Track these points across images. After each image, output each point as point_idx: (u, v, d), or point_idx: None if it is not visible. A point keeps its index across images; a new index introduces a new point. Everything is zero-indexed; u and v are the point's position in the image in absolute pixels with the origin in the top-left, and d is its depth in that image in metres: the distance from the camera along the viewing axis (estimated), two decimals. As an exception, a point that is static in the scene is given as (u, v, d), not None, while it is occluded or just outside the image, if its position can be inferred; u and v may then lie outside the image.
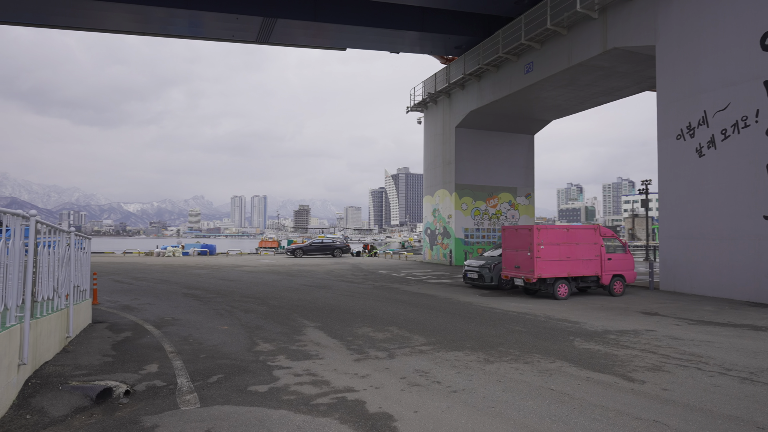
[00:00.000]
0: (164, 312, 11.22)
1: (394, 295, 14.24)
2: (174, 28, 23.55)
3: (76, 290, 8.82)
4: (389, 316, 10.69)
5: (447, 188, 28.17)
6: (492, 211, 28.33)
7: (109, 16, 21.90)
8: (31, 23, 22.94)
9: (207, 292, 14.89)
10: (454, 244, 27.32)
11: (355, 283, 17.90)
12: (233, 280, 18.33)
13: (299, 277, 19.71)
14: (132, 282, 17.50)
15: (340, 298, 13.66)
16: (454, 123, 27.45)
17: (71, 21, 22.59)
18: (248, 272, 22.10)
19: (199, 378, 6.18)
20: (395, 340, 8.24)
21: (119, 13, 21.53)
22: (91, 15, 21.81)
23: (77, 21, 22.59)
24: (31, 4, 20.62)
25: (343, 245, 39.95)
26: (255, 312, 11.19)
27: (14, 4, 20.43)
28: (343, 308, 11.76)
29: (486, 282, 15.62)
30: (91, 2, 20.19)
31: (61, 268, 7.54)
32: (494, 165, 28.36)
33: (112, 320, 10.17)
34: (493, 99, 23.93)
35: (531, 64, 21.26)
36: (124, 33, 24.55)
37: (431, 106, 30.16)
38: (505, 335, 8.69)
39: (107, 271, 21.78)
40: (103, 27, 23.61)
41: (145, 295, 14.15)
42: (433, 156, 29.91)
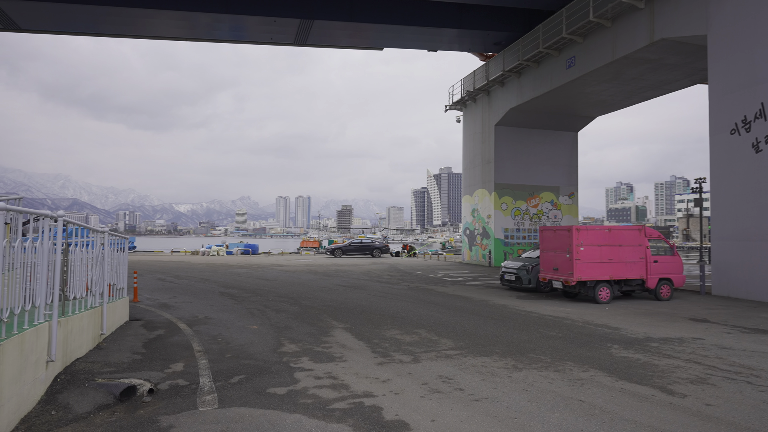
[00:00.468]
0: (199, 310, 11.43)
1: (427, 297, 14.01)
2: (218, 33, 24.12)
3: (112, 289, 9.08)
4: (419, 318, 10.49)
5: (486, 188, 27.62)
6: (533, 211, 27.57)
7: (158, 23, 22.66)
8: (88, 32, 24.00)
9: (243, 291, 15.12)
10: (494, 245, 26.75)
11: (390, 283, 17.77)
12: (270, 280, 18.56)
13: (335, 277, 19.76)
14: (174, 281, 18.02)
15: (372, 299, 13.56)
16: (494, 121, 26.87)
17: (123, 29, 23.53)
18: (286, 272, 22.36)
19: (221, 378, 6.19)
20: (422, 344, 8.04)
21: (167, 20, 22.25)
22: (142, 23, 22.64)
23: (129, 29, 23.52)
24: (87, 15, 21.59)
25: (382, 245, 39.93)
26: (286, 312, 11.23)
27: (73, 15, 21.44)
28: (374, 309, 11.64)
29: (523, 284, 15.15)
30: (141, 11, 20.95)
31: (95, 267, 7.77)
32: (535, 164, 27.58)
33: (148, 318, 10.43)
34: (534, 95, 23.26)
35: (573, 58, 20.51)
36: (173, 39, 25.35)
37: (470, 104, 29.65)
38: (538, 341, 8.32)
39: (152, 270, 22.54)
40: (153, 34, 24.47)
41: (184, 293, 14.50)
42: (472, 155, 29.40)
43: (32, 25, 21.55)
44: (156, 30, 23.87)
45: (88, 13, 21.41)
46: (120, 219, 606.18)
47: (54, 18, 21.37)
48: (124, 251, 10.16)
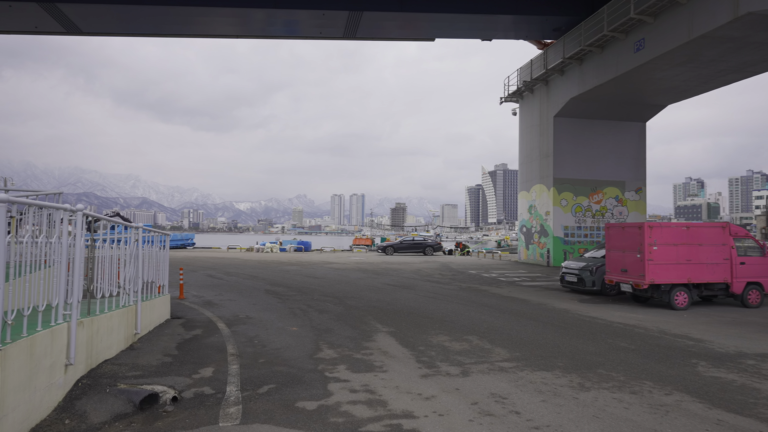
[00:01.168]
0: (241, 309, 11.10)
1: (480, 299, 13.09)
2: (270, 29, 24.03)
3: (149, 286, 8.84)
4: (471, 322, 9.64)
5: (544, 183, 26.13)
6: (596, 207, 25.81)
7: (213, 21, 22.87)
8: (146, 33, 24.56)
9: (289, 289, 14.77)
10: (552, 244, 25.25)
11: (441, 283, 16.93)
12: (318, 278, 18.19)
13: (384, 276, 19.14)
14: (223, 277, 18.00)
15: (421, 299, 12.80)
16: (553, 112, 25.35)
17: (181, 29, 23.92)
18: (335, 269, 21.99)
19: (249, 387, 5.66)
20: (473, 353, 7.22)
21: (222, 17, 22.40)
22: (198, 21, 22.90)
23: (186, 29, 23.87)
24: (145, 16, 22.05)
25: (434, 243, 39.01)
26: (329, 313, 10.69)
27: (131, 16, 21.95)
28: (422, 311, 10.89)
29: (586, 286, 13.91)
30: (197, 9, 21.16)
31: (129, 264, 7.49)
32: (598, 157, 25.81)
33: (190, 316, 10.18)
34: (597, 83, 21.63)
35: (642, 41, 18.81)
36: (228, 36, 25.55)
37: (527, 95, 28.19)
38: (607, 353, 7.29)
39: (205, 266, 22.80)
40: (209, 33, 24.74)
41: (230, 291, 14.32)
42: (528, 149, 27.95)
43: (93, 28, 22.27)
44: (212, 28, 24.11)
45: (145, 14, 21.86)
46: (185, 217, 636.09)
47: (112, 20, 21.96)
48: (165, 248, 9.95)
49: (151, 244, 9.64)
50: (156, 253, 9.48)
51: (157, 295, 9.20)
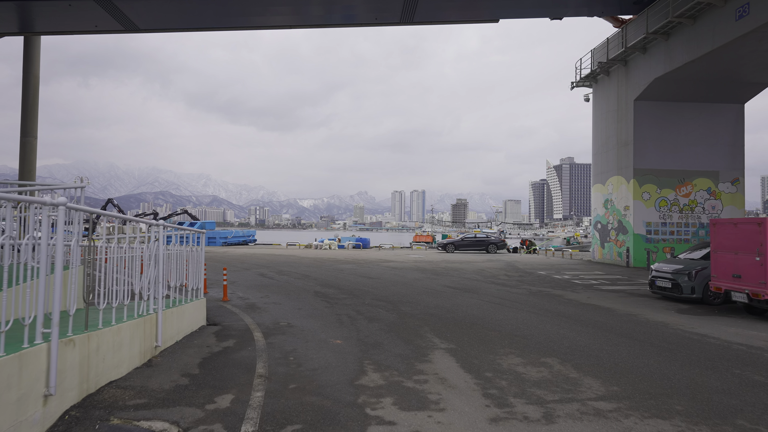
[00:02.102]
0: (284, 315, 10.06)
1: (555, 306, 11.35)
2: (328, 17, 23.11)
3: (179, 290, 7.94)
4: (548, 338, 8.02)
5: (623, 174, 23.57)
6: (684, 201, 22.97)
7: (273, 12, 22.26)
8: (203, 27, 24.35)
9: (340, 291, 13.66)
10: (633, 242, 22.70)
11: (508, 286, 15.24)
12: (373, 278, 17.01)
13: (444, 277, 17.67)
14: (274, 276, 17.22)
15: (486, 306, 11.25)
16: (633, 95, 22.75)
17: (241, 21, 23.48)
18: (392, 269, 20.75)
19: (269, 426, 4.47)
20: (556, 384, 5.68)
21: (281, 6, 21.75)
22: (255, 12, 22.36)
23: (245, 21, 23.40)
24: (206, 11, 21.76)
25: (498, 241, 36.93)
26: (380, 321, 9.41)
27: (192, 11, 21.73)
28: (488, 322, 9.36)
29: (683, 293, 11.80)
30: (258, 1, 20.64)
31: (148, 267, 6.55)
32: (686, 144, 22.93)
33: (227, 322, 9.25)
34: (688, 60, 18.98)
35: (746, 6, 16.12)
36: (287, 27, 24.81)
37: (602, 78, 25.61)
38: (741, 392, 5.51)
39: (260, 264, 22.27)
40: (269, 24, 24.16)
41: (278, 292, 13.39)
42: (604, 137, 25.40)
43: (149, 25, 22.23)
44: (270, 20, 23.52)
45: (202, 7, 21.54)
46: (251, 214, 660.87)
47: (168, 16, 21.80)
48: (200, 246, 9.05)
49: (185, 241, 8.78)
50: (187, 252, 8.59)
51: (189, 300, 8.29)
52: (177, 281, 7.99)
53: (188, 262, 8.57)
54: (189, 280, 8.75)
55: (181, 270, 8.28)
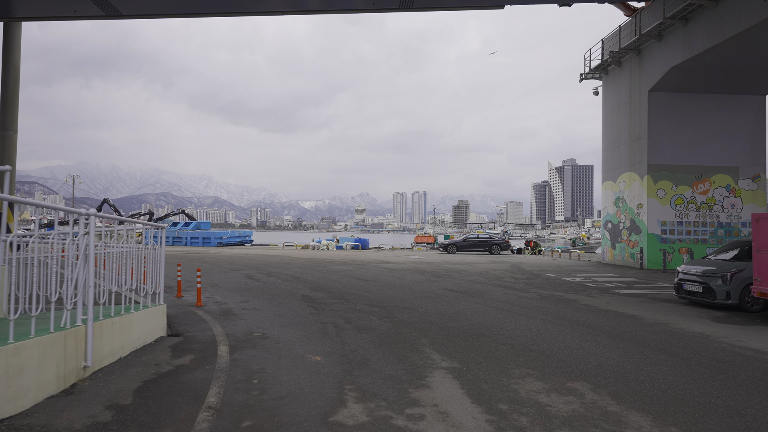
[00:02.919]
0: (261, 323, 8.72)
1: (571, 313, 9.99)
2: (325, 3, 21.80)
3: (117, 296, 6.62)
4: (571, 354, 6.67)
5: (636, 171, 22.20)
6: (701, 198, 21.59)
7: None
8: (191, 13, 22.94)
9: (330, 295, 12.31)
10: (647, 242, 21.32)
11: (515, 290, 13.88)
12: (368, 280, 15.66)
13: (445, 279, 16.31)
14: (261, 279, 15.88)
15: (493, 313, 9.89)
16: (647, 86, 21.39)
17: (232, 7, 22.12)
18: (390, 270, 19.39)
19: (197, 494, 3.12)
20: (592, 423, 4.32)
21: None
22: None
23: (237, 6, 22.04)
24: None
25: (501, 241, 35.53)
26: (371, 331, 8.06)
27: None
28: (497, 332, 8.01)
29: (717, 298, 10.44)
30: None
31: (78, 266, 5.23)
32: (704, 138, 21.57)
33: (192, 332, 7.91)
34: (708, 45, 17.62)
35: (776, -16, 14.77)
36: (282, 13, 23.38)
37: (613, 69, 24.26)
38: (841, 435, 4.14)
39: (250, 265, 20.95)
40: (263, 9, 22.77)
41: (261, 296, 12.05)
42: (615, 132, 24.03)
43: (132, 10, 20.89)
44: (265, 5, 22.19)
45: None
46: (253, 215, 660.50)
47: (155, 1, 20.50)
48: (160, 245, 7.73)
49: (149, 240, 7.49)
50: (140, 252, 7.28)
51: (144, 307, 6.96)
52: (127, 284, 6.66)
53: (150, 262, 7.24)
54: (146, 284, 7.44)
55: (131, 271, 6.95)
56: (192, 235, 45.08)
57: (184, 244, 44.54)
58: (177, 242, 45.48)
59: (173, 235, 46.32)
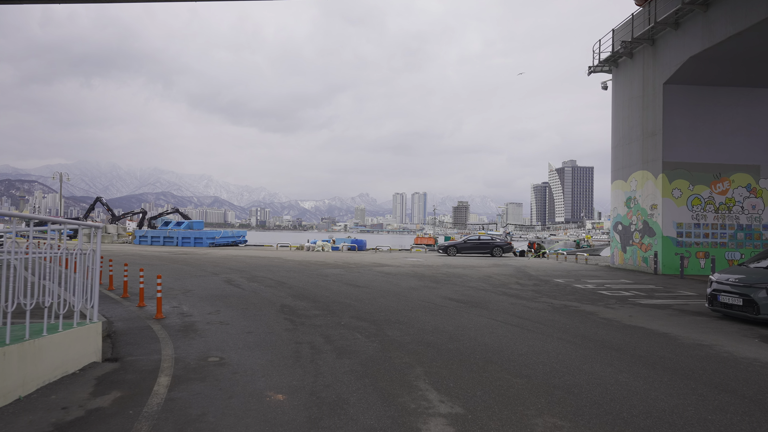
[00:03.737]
0: (223, 343, 7.27)
1: (592, 330, 8.54)
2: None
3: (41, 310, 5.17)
4: (606, 393, 5.21)
5: (649, 169, 20.75)
6: (719, 199, 20.15)
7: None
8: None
9: (314, 305, 10.86)
10: (662, 245, 19.87)
11: (523, 298, 12.42)
12: (360, 287, 14.21)
13: (445, 286, 14.86)
14: (242, 284, 14.42)
15: (501, 329, 8.44)
16: (662, 78, 19.95)
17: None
18: (385, 275, 17.94)
19: None
20: None
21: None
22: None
23: None
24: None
25: (503, 243, 34.07)
26: (354, 355, 6.61)
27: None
28: (508, 358, 6.56)
29: (761, 313, 8.98)
30: None
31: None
32: (723, 135, 20.13)
33: (135, 356, 6.47)
34: (733, 32, 16.19)
35: (813, -40, 13.34)
36: None
37: (624, 61, 22.82)
38: None
39: (235, 268, 19.50)
40: None
41: (235, 306, 10.59)
42: (626, 128, 22.58)
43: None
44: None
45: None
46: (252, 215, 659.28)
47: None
48: (93, 247, 6.29)
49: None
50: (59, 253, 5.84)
51: (64, 327, 5.50)
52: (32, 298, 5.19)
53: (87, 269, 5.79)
54: (75, 296, 6.00)
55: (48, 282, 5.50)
56: (183, 235, 43.67)
57: (176, 244, 43.12)
58: (168, 242, 44.06)
59: (164, 234, 44.90)
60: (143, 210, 62.57)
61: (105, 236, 47.91)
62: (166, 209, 68.06)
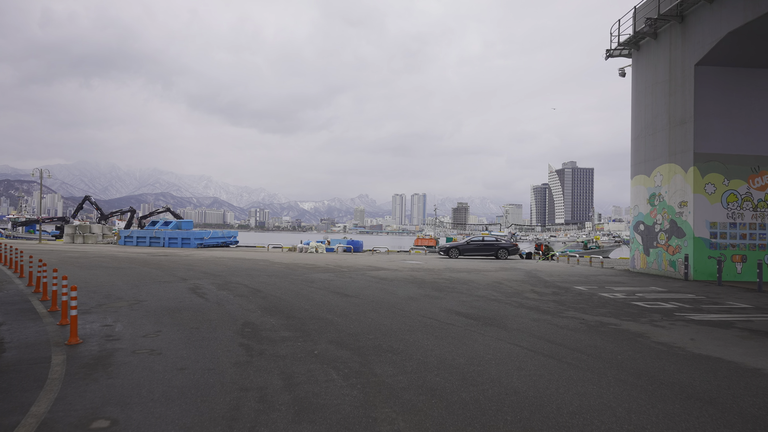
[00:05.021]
0: (138, 389, 5.00)
1: (657, 366, 6.26)
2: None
3: None
4: None
5: (678, 162, 18.49)
6: (758, 195, 17.88)
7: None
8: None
9: (287, 322, 8.60)
10: (693, 247, 17.60)
11: (546, 312, 10.15)
12: (349, 296, 11.94)
13: (449, 295, 12.58)
14: (208, 293, 12.14)
15: (531, 363, 6.17)
16: (693, 59, 17.71)
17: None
18: (380, 280, 15.67)
19: None
20: None
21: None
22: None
23: None
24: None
25: (509, 245, 31.80)
26: (321, 417, 4.34)
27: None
28: (557, 422, 4.28)
29: None
30: None
31: None
32: (762, 122, 17.87)
33: (-16, 417, 4.19)
34: (783, 1, 13.94)
35: None
36: None
37: (647, 43, 20.57)
38: None
39: (209, 272, 17.22)
40: None
41: (184, 325, 8.32)
42: (650, 116, 20.32)
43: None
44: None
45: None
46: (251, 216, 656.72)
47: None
48: None
49: None
50: None
51: None
52: None
53: None
54: None
55: None
56: (170, 236, 41.39)
57: (162, 245, 40.85)
58: (154, 243, 41.79)
59: (150, 235, 42.63)
60: (132, 209, 60.19)
61: (89, 236, 45.65)
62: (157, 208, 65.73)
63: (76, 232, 46.00)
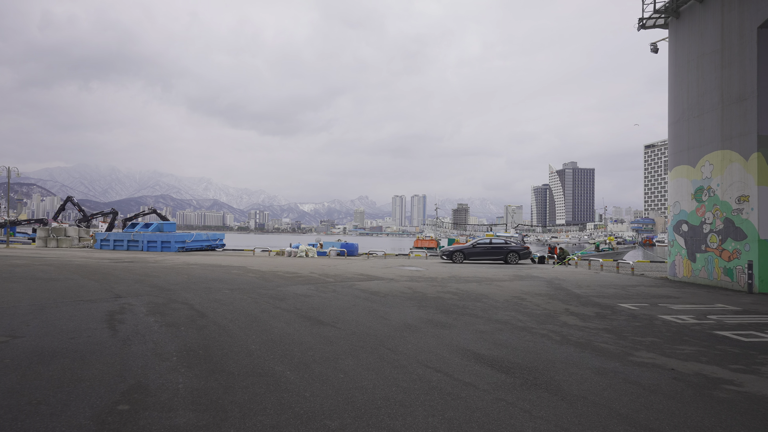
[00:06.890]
0: None
1: None
2: None
3: None
4: None
5: (734, 148, 15.22)
6: (836, 188, 14.58)
7: None
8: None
9: (206, 383, 5.29)
10: (758, 252, 14.31)
11: (607, 354, 6.85)
12: (324, 324, 8.64)
13: (460, 320, 9.28)
14: (127, 320, 8.82)
15: None
16: (755, 21, 14.45)
17: None
18: (370, 296, 12.37)
19: None
20: None
21: None
22: None
23: None
24: None
25: (520, 248, 28.48)
26: None
27: None
28: None
29: None
30: None
31: None
32: (839, 99, 14.59)
33: None
34: None
35: None
36: None
37: (690, 8, 17.31)
38: None
39: (161, 286, 13.91)
40: None
41: (24, 398, 5.01)
42: (695, 96, 17.05)
43: None
44: None
45: None
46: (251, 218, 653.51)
47: None
48: None
49: None
50: None
51: None
52: None
53: None
54: None
55: None
56: (149, 239, 38.11)
57: (140, 249, 37.59)
58: (133, 246, 38.52)
59: (128, 238, 39.35)
60: (113, 210, 56.87)
61: (63, 239, 42.36)
62: (143, 209, 62.45)
63: (50, 236, 42.71)
